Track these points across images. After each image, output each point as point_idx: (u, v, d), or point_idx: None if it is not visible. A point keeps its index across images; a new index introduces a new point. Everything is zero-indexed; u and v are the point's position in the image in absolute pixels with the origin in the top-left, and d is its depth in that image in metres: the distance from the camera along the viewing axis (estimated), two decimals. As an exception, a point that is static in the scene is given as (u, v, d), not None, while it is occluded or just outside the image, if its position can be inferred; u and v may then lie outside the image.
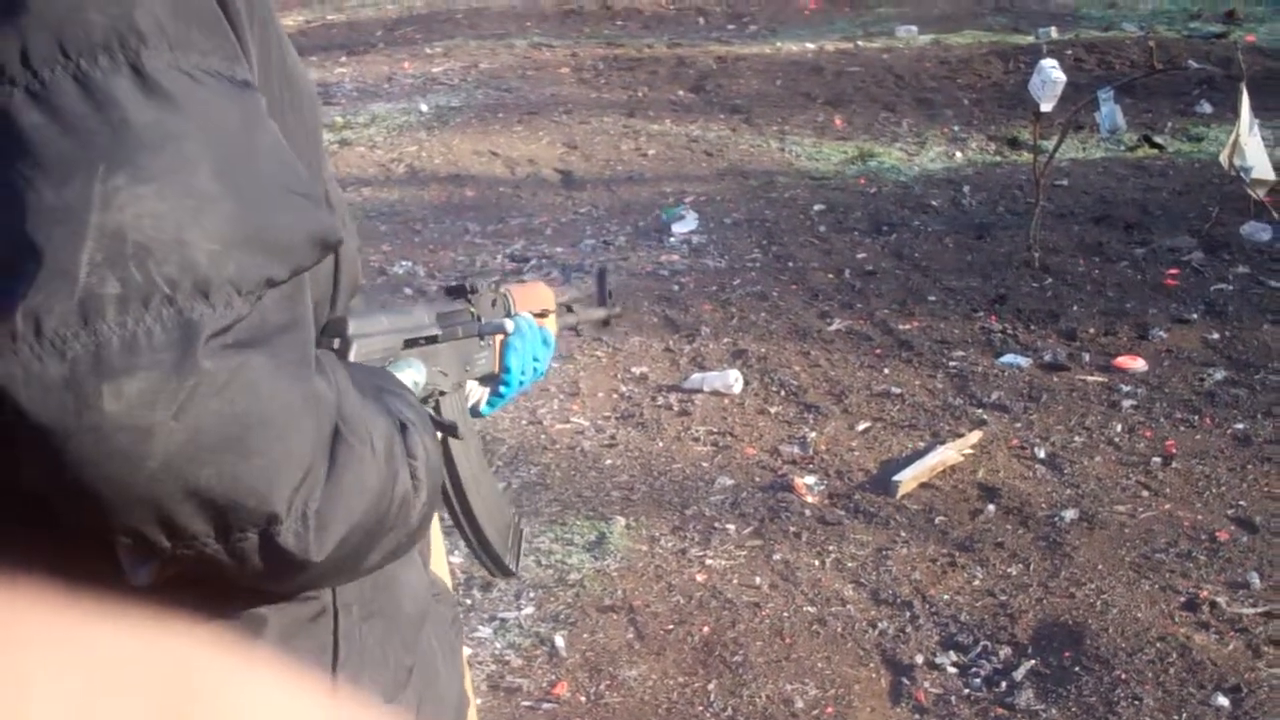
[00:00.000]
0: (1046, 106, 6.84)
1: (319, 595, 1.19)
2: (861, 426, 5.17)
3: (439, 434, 1.34)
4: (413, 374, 1.45)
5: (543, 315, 1.91)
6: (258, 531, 0.99)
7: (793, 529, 4.44)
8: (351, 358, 1.32)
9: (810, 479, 4.77)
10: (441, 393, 1.54)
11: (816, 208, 7.85)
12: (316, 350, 1.08)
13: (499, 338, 1.74)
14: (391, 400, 1.21)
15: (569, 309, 2.15)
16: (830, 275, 6.77)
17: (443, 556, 2.27)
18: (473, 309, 1.68)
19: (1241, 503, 4.51)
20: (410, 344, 1.48)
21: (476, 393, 1.74)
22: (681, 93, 10.68)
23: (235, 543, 0.99)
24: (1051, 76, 6.73)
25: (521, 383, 1.78)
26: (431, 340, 1.53)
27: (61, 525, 0.99)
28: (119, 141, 0.93)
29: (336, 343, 1.31)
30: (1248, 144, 6.72)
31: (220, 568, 1.00)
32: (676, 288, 6.70)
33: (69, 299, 0.90)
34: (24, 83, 0.93)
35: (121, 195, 0.92)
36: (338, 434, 1.05)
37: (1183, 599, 3.97)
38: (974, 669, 3.72)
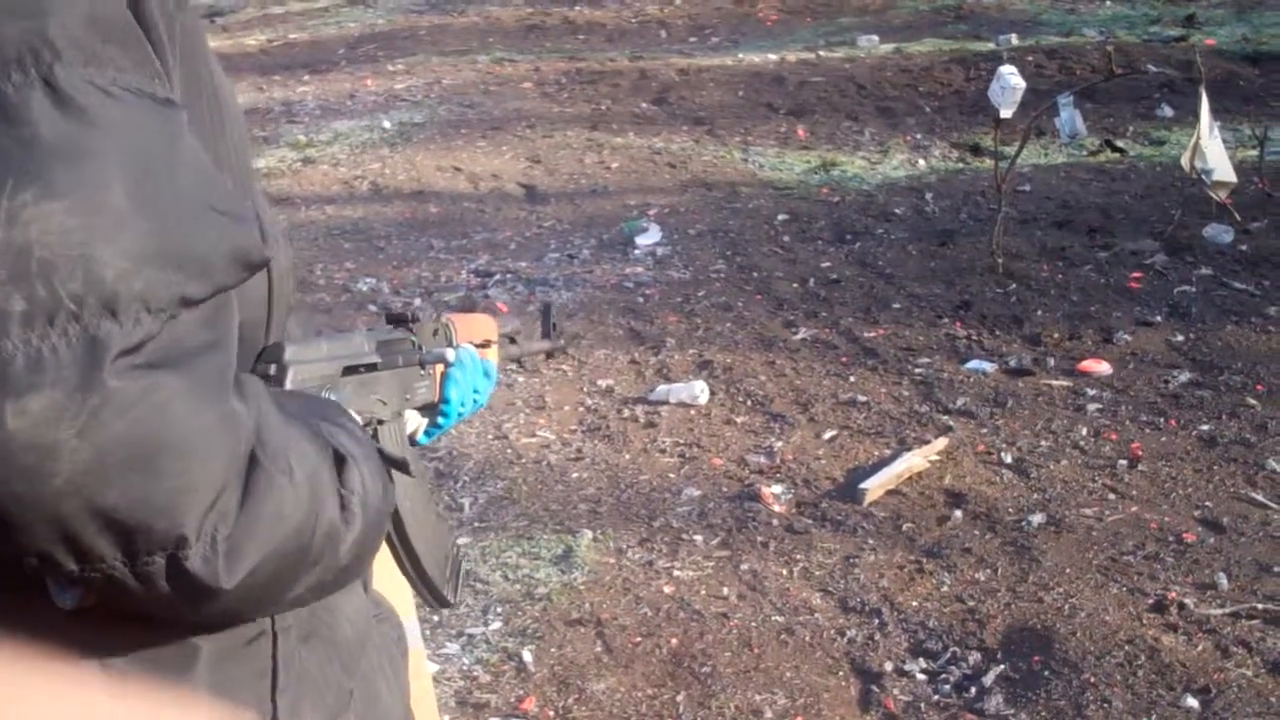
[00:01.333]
0: (1006, 113, 6.85)
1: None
2: (828, 435, 5.16)
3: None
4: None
5: (485, 346, 1.90)
6: (164, 555, 0.98)
7: (760, 539, 4.43)
8: (288, 384, 1.30)
9: (777, 488, 4.76)
10: (380, 421, 1.53)
11: (780, 218, 7.85)
12: (239, 374, 1.06)
13: (439, 367, 1.72)
14: (333, 431, 1.19)
15: (512, 340, 2.12)
16: (795, 285, 6.77)
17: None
18: (414, 338, 1.67)
19: (1208, 504, 4.52)
20: (349, 371, 1.46)
21: (414, 421, 1.72)
22: (644, 105, 10.67)
23: (142, 565, 0.98)
24: (1011, 83, 6.74)
25: (461, 414, 1.76)
26: (371, 368, 1.51)
27: None
28: (29, 157, 0.92)
29: (273, 369, 1.29)
30: (1208, 147, 6.74)
31: (128, 592, 0.99)
32: (641, 300, 6.69)
33: None
34: None
35: (28, 211, 0.91)
36: (254, 460, 1.03)
37: (1151, 601, 3.97)
38: (943, 675, 3.72)
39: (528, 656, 3.88)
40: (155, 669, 1.10)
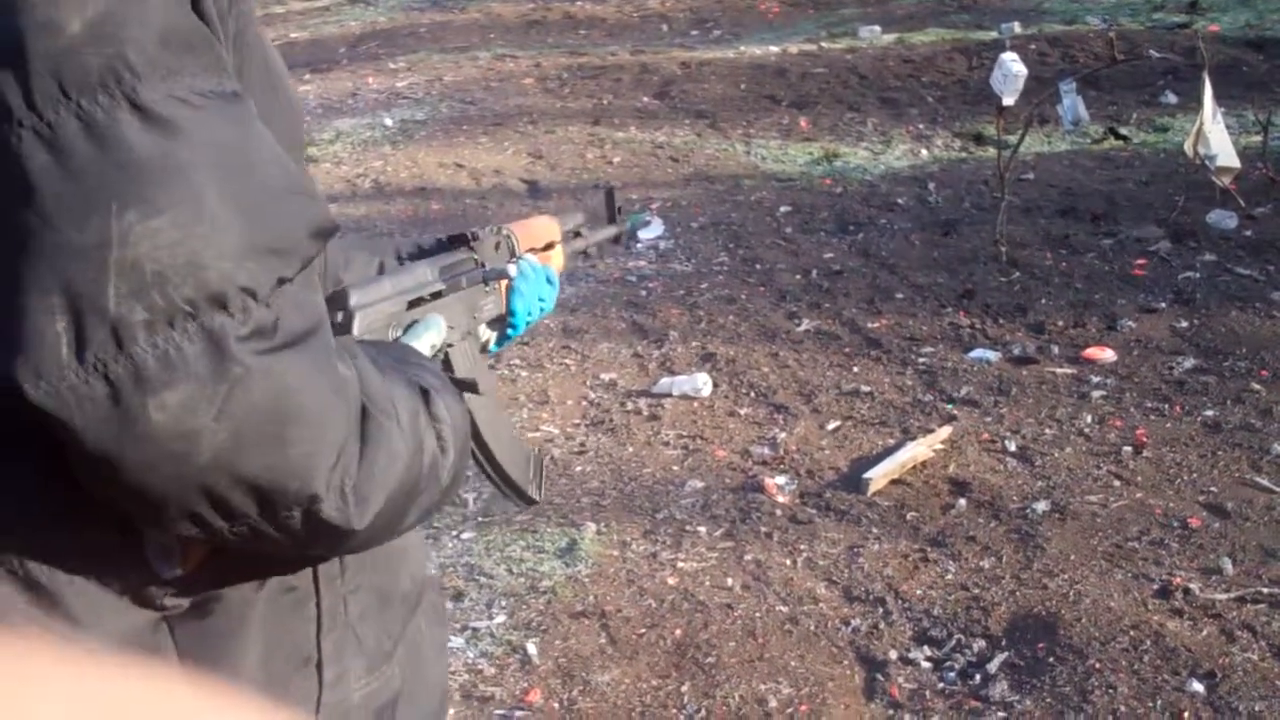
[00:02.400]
0: (1008, 100, 6.84)
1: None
2: (831, 425, 5.15)
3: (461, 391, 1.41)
4: (432, 336, 1.51)
5: (548, 249, 1.98)
6: (301, 510, 1.11)
7: (764, 529, 4.42)
8: (355, 330, 1.40)
9: (781, 479, 4.75)
10: (449, 345, 1.58)
11: (783, 209, 7.84)
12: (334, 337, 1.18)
13: (504, 281, 1.79)
14: (413, 370, 1.32)
15: (577, 234, 2.18)
16: (798, 276, 6.76)
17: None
18: (475, 256, 1.73)
19: (1213, 489, 4.51)
20: (414, 304, 1.53)
21: (484, 334, 1.80)
22: (646, 99, 10.66)
23: (282, 520, 1.11)
24: (1012, 70, 6.73)
25: (528, 322, 1.87)
26: (436, 296, 1.57)
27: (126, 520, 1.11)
28: (127, 179, 1.00)
29: (339, 316, 1.40)
30: (1212, 132, 6.73)
31: (273, 541, 1.13)
32: (644, 293, 6.69)
33: (103, 328, 1.00)
34: (31, 124, 1.00)
35: (135, 231, 1.00)
36: (365, 413, 1.16)
37: (1155, 586, 3.96)
38: (948, 663, 3.71)
39: (532, 649, 3.87)
40: (209, 619, 1.21)
